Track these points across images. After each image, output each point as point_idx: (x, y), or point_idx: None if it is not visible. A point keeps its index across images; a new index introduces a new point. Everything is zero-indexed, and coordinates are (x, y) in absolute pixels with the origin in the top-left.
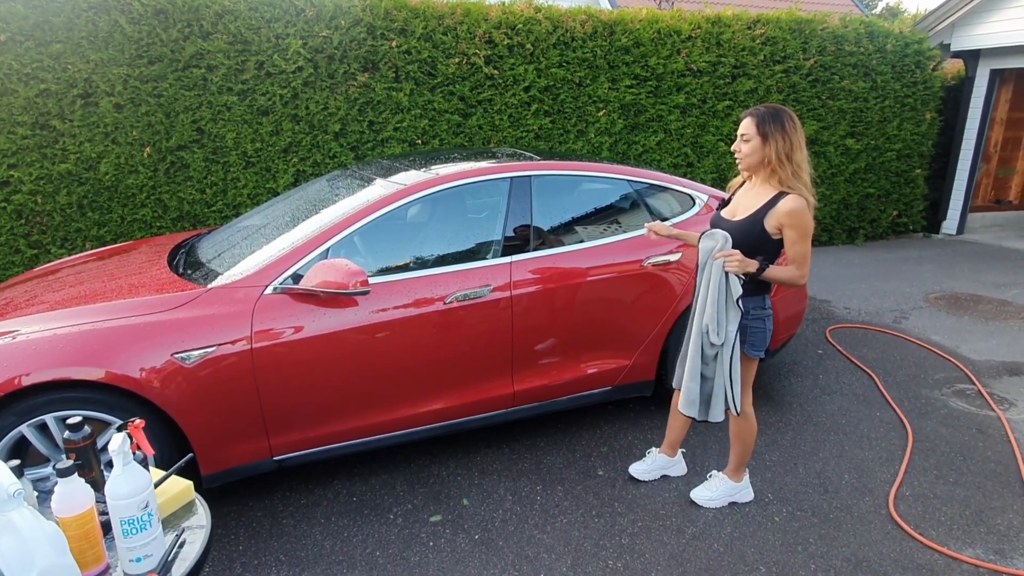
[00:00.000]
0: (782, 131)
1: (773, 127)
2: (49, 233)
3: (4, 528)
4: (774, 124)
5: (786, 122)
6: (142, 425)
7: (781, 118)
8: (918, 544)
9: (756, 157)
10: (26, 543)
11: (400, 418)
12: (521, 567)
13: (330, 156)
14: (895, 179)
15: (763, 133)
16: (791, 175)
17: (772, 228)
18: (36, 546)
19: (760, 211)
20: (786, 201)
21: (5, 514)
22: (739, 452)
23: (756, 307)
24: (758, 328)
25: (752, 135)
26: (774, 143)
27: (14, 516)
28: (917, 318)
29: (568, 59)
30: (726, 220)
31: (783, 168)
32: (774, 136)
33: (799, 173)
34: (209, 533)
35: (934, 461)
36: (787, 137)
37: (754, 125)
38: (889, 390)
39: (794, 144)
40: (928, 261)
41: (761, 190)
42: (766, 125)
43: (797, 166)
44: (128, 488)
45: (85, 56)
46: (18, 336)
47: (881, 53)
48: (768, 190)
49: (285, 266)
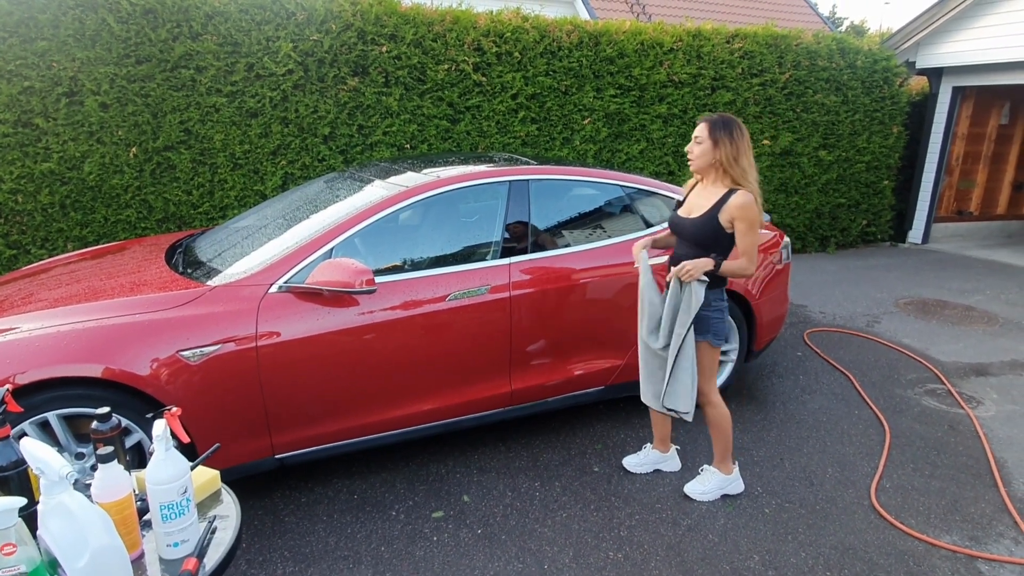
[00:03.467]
0: (730, 138)
1: (723, 133)
2: (29, 233)
3: (56, 511)
4: (724, 131)
5: (735, 130)
6: (179, 413)
7: (731, 126)
8: (899, 532)
9: (706, 159)
10: (79, 525)
11: (400, 416)
12: (524, 559)
13: (319, 159)
14: (864, 190)
15: (714, 138)
16: (738, 176)
17: (725, 222)
18: (88, 528)
19: (714, 207)
20: (736, 196)
21: (57, 497)
22: (720, 442)
23: (716, 299)
24: (717, 318)
25: (704, 139)
26: (723, 147)
27: (65, 499)
28: (888, 322)
29: (555, 68)
30: (684, 218)
31: (732, 169)
32: (723, 141)
33: (746, 175)
34: (239, 519)
35: (910, 455)
36: (734, 143)
37: (707, 130)
38: (866, 390)
39: (740, 150)
40: (896, 268)
41: (713, 189)
42: (717, 131)
43: (743, 169)
44: (169, 473)
45: (71, 54)
46: (18, 333)
47: (852, 69)
48: (720, 188)
49: (290, 265)
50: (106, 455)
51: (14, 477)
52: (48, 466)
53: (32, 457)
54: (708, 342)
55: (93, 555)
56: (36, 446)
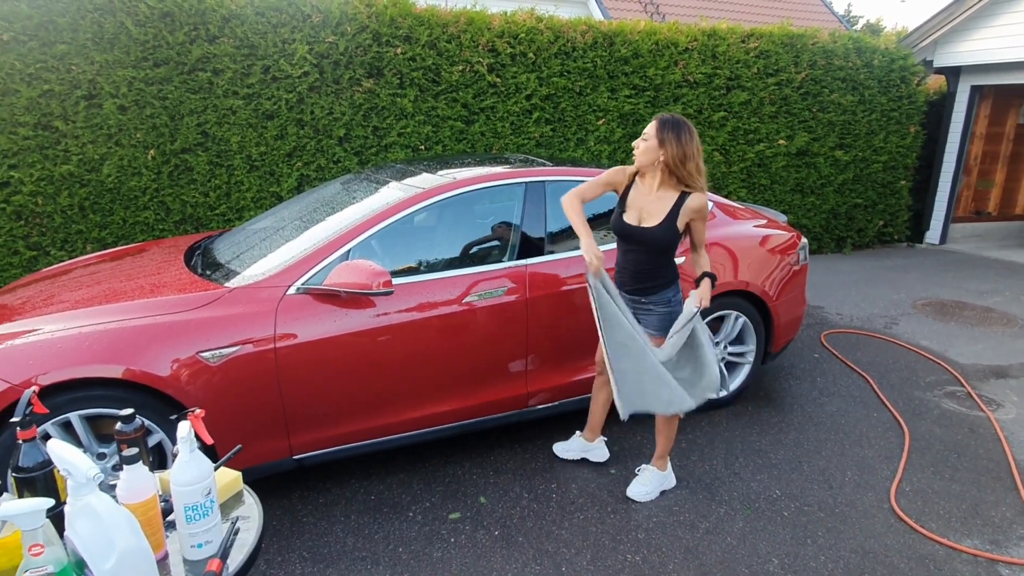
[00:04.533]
0: (677, 139)
1: (670, 134)
2: (49, 235)
3: (83, 512)
4: (671, 132)
5: (682, 133)
6: (202, 415)
7: (679, 128)
8: (920, 536)
9: (649, 157)
10: (106, 527)
11: (417, 418)
12: (542, 561)
13: (334, 161)
14: (881, 190)
15: (660, 138)
16: (682, 180)
17: (682, 225)
18: (115, 530)
19: (671, 214)
20: (692, 199)
21: (84, 498)
22: (668, 438)
23: (674, 294)
24: (679, 313)
25: (651, 137)
26: (668, 148)
27: (92, 500)
28: (906, 323)
29: (569, 68)
30: (637, 227)
31: (679, 170)
32: (668, 142)
33: (692, 178)
34: (262, 520)
35: (930, 459)
36: (680, 146)
37: (655, 129)
38: (884, 392)
39: (687, 154)
40: (913, 269)
41: (662, 193)
42: (664, 132)
43: (689, 172)
44: (194, 474)
45: (90, 57)
46: (40, 334)
47: (868, 68)
48: (670, 192)
49: (307, 267)
50: (131, 456)
51: (40, 478)
52: (75, 467)
53: (59, 458)
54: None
55: (120, 556)
56: (63, 447)
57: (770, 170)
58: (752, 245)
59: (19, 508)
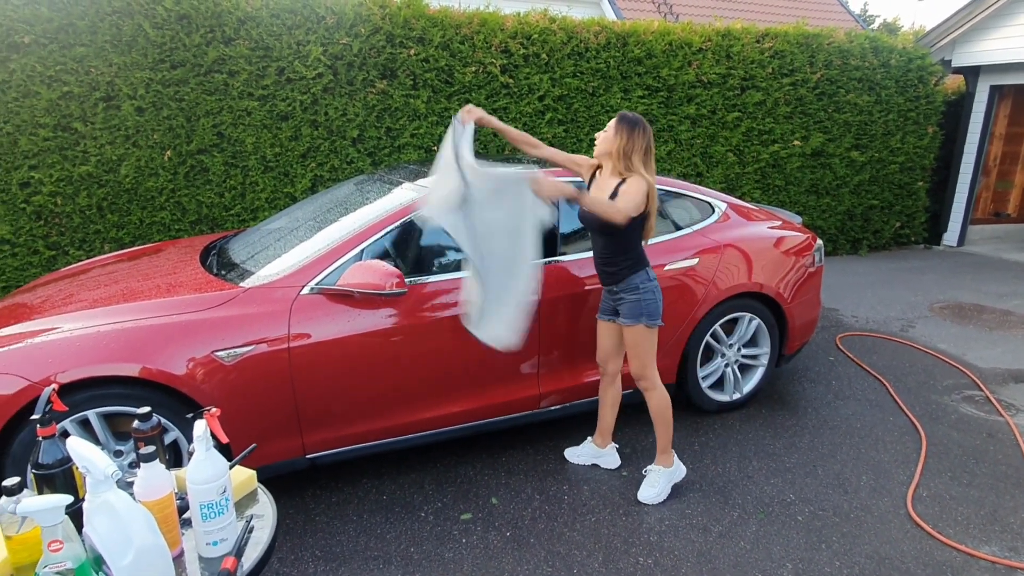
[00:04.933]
0: (629, 133)
1: (625, 127)
2: (68, 235)
3: (101, 509)
4: (627, 126)
5: (636, 129)
6: (218, 414)
7: (634, 125)
8: (937, 542)
9: (605, 147)
10: (123, 523)
11: (429, 418)
12: (554, 563)
13: (347, 161)
14: (898, 191)
15: (617, 129)
16: (625, 168)
17: None
18: (133, 527)
19: (611, 196)
20: (627, 183)
21: (102, 495)
22: (665, 432)
23: (643, 280)
24: (650, 299)
25: (610, 128)
26: (620, 138)
27: (111, 497)
28: (923, 326)
29: (582, 69)
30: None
31: (623, 160)
32: (621, 133)
33: (632, 167)
34: (276, 519)
35: (948, 464)
36: (630, 139)
37: (614, 123)
38: (901, 396)
39: (634, 148)
40: (931, 271)
41: (609, 179)
42: (621, 124)
43: (632, 163)
44: (209, 473)
45: (108, 59)
46: (59, 333)
47: (885, 68)
48: (614, 179)
49: (321, 267)
50: (148, 454)
51: (60, 475)
52: (94, 465)
53: (78, 455)
54: (643, 324)
55: (137, 553)
56: (82, 445)
57: (785, 171)
58: (766, 247)
59: (39, 504)
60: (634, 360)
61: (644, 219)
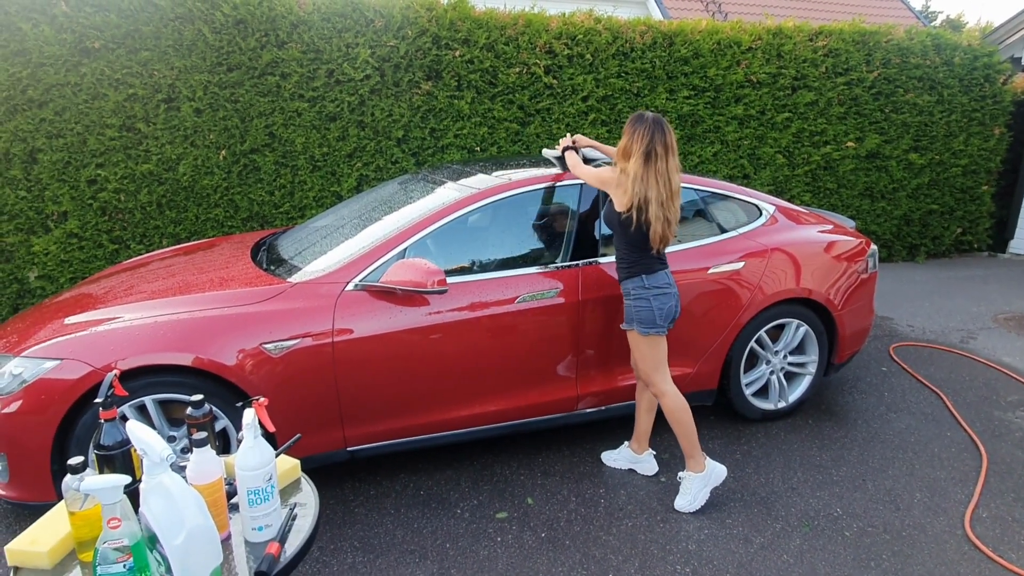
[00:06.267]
0: (631, 134)
1: (628, 128)
2: (130, 229)
3: (157, 490)
4: (629, 127)
5: (637, 128)
6: (266, 404)
7: (636, 124)
8: (997, 566)
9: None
10: (177, 505)
11: (467, 416)
12: (589, 566)
13: (392, 161)
14: (960, 195)
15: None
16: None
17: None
18: (185, 508)
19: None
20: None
21: (157, 477)
22: (684, 437)
23: (635, 286)
24: (642, 306)
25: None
26: (624, 137)
27: (165, 479)
28: (986, 338)
29: (627, 69)
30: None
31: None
32: (624, 134)
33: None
34: (318, 508)
35: (1011, 484)
36: (631, 139)
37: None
38: (959, 410)
39: (634, 148)
40: (995, 280)
41: None
42: (631, 124)
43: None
44: (257, 460)
45: (170, 63)
46: (121, 322)
47: (948, 66)
48: None
49: (365, 264)
50: (200, 440)
51: (119, 456)
52: (151, 448)
53: (136, 438)
54: (635, 331)
55: (189, 533)
56: (140, 428)
57: (837, 173)
58: (816, 251)
59: (100, 483)
60: (638, 364)
61: (642, 224)
